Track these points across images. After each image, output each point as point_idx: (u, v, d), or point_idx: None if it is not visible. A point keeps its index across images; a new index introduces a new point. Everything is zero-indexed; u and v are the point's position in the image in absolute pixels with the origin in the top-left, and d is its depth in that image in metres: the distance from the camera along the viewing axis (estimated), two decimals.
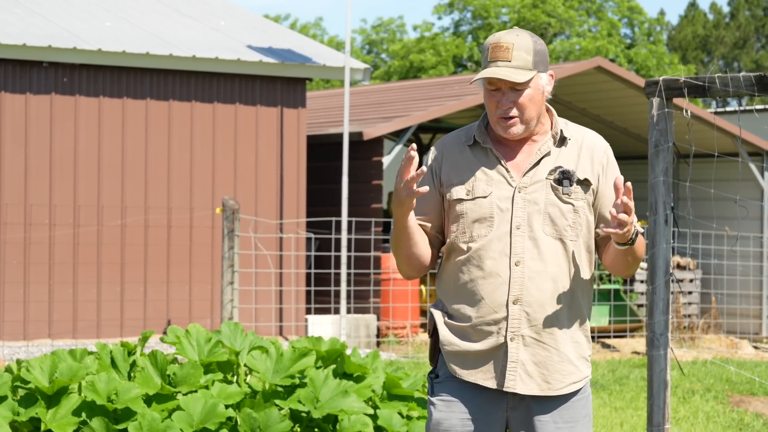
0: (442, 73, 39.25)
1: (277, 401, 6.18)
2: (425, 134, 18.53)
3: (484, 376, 3.99)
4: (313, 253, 15.28)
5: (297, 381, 6.28)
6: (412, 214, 3.97)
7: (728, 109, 22.68)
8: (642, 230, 4.05)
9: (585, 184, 4.00)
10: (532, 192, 3.97)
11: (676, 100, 5.63)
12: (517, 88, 3.93)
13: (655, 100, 5.47)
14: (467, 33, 42.47)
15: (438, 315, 4.07)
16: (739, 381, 11.76)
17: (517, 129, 3.96)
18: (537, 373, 3.97)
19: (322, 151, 16.00)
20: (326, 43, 46.91)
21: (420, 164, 3.99)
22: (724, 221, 15.05)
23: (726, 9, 52.71)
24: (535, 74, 3.94)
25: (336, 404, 6.18)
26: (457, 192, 4.01)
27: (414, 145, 3.86)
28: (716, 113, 20.26)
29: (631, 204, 3.81)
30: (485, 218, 3.97)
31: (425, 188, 3.85)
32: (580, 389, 4.04)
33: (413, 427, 6.37)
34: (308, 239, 15.28)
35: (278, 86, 14.89)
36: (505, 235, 3.95)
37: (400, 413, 6.42)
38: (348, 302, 14.59)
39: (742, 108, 18.43)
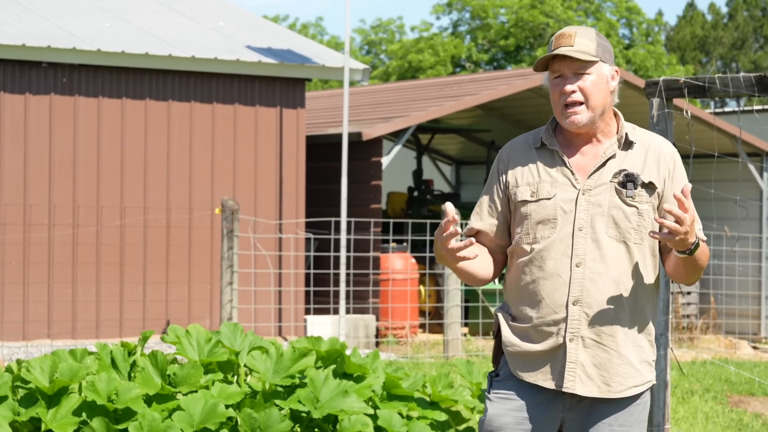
0: (441, 74, 39.25)
1: (278, 401, 6.18)
2: (424, 135, 18.52)
3: (543, 377, 3.99)
4: (312, 254, 15.28)
5: (297, 381, 6.28)
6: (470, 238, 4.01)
7: (727, 109, 22.69)
8: (704, 239, 4.01)
9: (650, 187, 3.99)
10: (596, 194, 3.97)
11: (676, 101, 5.63)
12: (580, 71, 3.95)
13: (655, 101, 5.48)
14: (465, 33, 42.47)
15: (502, 317, 4.10)
16: (738, 381, 11.77)
17: (582, 117, 3.96)
18: (597, 374, 3.96)
19: (321, 151, 16.00)
20: (326, 44, 46.91)
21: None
22: (724, 222, 15.06)
23: (724, 9, 52.73)
24: (597, 61, 3.96)
25: (336, 404, 6.18)
26: (522, 194, 4.03)
27: (451, 208, 3.84)
28: (715, 114, 20.26)
29: (684, 214, 3.76)
30: (549, 220, 3.98)
31: (474, 253, 3.90)
32: (641, 394, 4.03)
33: (413, 427, 6.37)
34: (307, 240, 15.28)
35: (277, 86, 14.89)
36: (567, 237, 3.96)
37: (400, 413, 6.42)
38: (347, 303, 14.59)
39: (741, 108, 18.43)
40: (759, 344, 16.20)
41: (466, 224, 4.21)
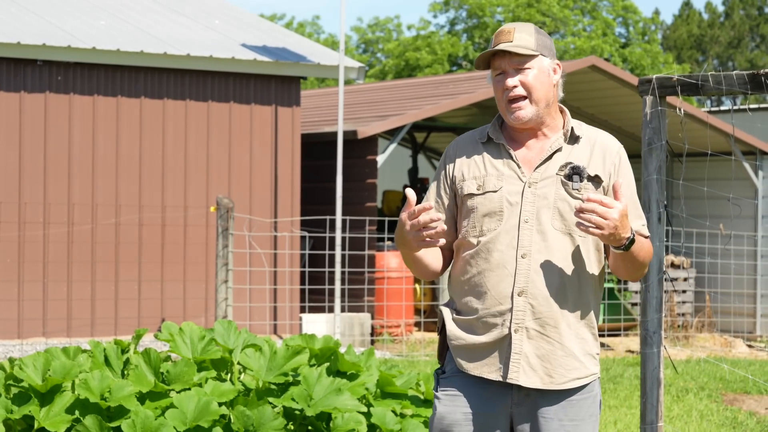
0: (438, 72, 39.26)
1: (271, 399, 6.18)
2: (420, 133, 18.53)
3: (488, 369, 4.00)
4: (307, 252, 15.28)
5: (290, 379, 6.28)
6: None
7: (722, 108, 22.70)
8: (647, 234, 4.03)
9: (596, 181, 4.01)
10: (542, 187, 4.00)
11: (670, 99, 5.64)
12: (521, 66, 3.99)
13: (649, 98, 5.48)
14: (462, 32, 42.48)
15: (447, 312, 4.10)
16: (732, 379, 11.78)
17: (526, 112, 4.00)
18: (540, 366, 3.97)
19: (316, 149, 16.00)
20: (323, 42, 46.90)
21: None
22: (718, 220, 15.07)
23: (720, 8, 52.74)
24: (537, 55, 4.01)
25: (329, 402, 6.18)
26: (469, 187, 4.05)
27: (412, 194, 3.88)
28: (710, 112, 20.27)
29: (604, 208, 3.79)
30: (495, 212, 4.00)
31: (442, 242, 3.92)
32: (586, 386, 4.04)
33: (406, 425, 6.37)
34: (302, 238, 15.28)
35: (273, 85, 14.89)
36: (513, 229, 3.98)
37: (393, 411, 6.42)
38: (342, 301, 14.59)
39: (735, 107, 18.46)
40: (754, 342, 16.21)
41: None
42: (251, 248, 14.42)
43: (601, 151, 4.05)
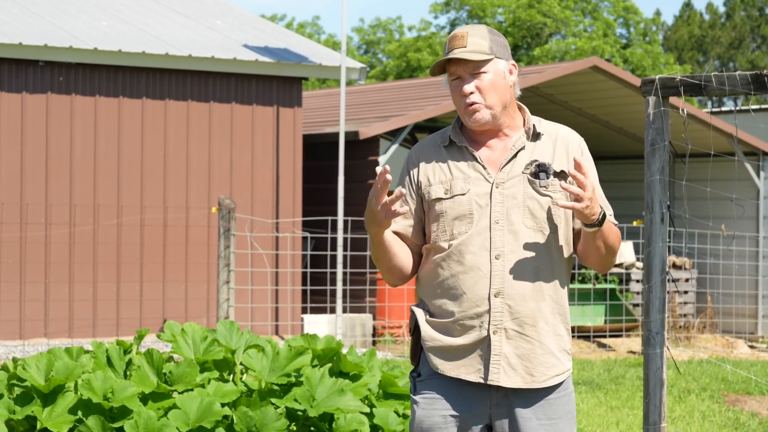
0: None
1: (273, 400, 6.17)
2: (421, 134, 18.50)
3: (467, 371, 3.99)
4: (309, 253, 15.28)
5: (293, 379, 6.27)
6: (388, 229, 4.02)
7: (724, 108, 22.69)
8: (611, 214, 4.07)
9: (562, 176, 4.02)
10: (509, 187, 4.00)
11: (672, 100, 5.63)
12: (476, 71, 3.98)
13: (651, 99, 5.47)
14: None
15: (420, 312, 4.08)
16: (735, 380, 11.77)
17: (481, 115, 3.99)
18: (520, 365, 3.97)
19: (318, 150, 16.00)
20: (324, 43, 46.91)
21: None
22: (720, 220, 15.05)
23: (722, 9, 52.75)
24: (492, 58, 4.00)
25: (332, 403, 6.17)
26: (436, 191, 4.04)
27: (387, 167, 3.88)
28: (712, 113, 20.27)
29: (587, 180, 3.85)
30: (465, 215, 4.00)
31: (405, 208, 3.91)
32: (562, 384, 4.05)
33: (409, 425, 6.36)
34: (304, 238, 15.28)
35: (274, 85, 14.89)
36: (485, 230, 3.98)
37: (396, 412, 6.41)
38: (344, 301, 14.59)
39: (738, 108, 18.45)
40: (756, 343, 16.20)
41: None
42: (253, 249, 14.42)
43: (564, 145, 4.06)
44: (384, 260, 4.07)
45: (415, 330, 4.10)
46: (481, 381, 3.97)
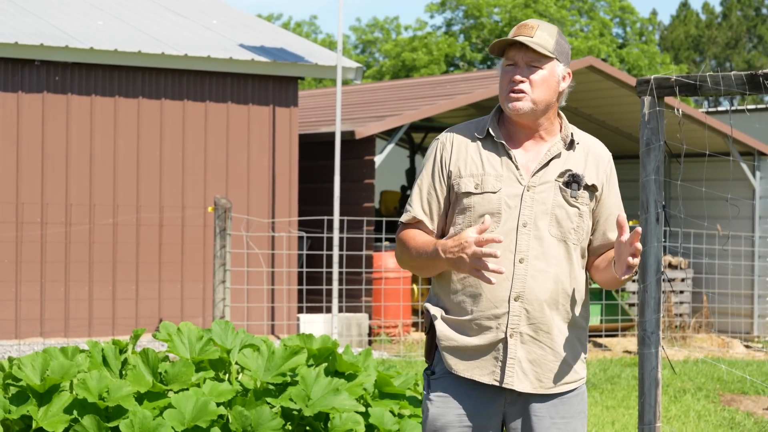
0: (434, 72, 39.27)
1: (269, 399, 6.18)
2: (417, 133, 18.53)
3: (480, 372, 3.99)
4: (305, 252, 15.28)
5: (288, 379, 6.28)
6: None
7: (720, 108, 22.71)
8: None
9: (591, 190, 4.03)
10: (540, 192, 3.99)
11: (668, 100, 5.64)
12: (534, 64, 3.96)
13: (647, 99, 5.47)
14: (459, 32, 42.49)
15: (435, 310, 4.06)
16: (730, 380, 11.79)
17: (522, 104, 3.96)
18: (531, 370, 3.98)
19: (314, 150, 15.99)
20: (320, 42, 46.89)
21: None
22: (716, 220, 15.06)
23: (718, 9, 52.78)
24: (553, 58, 3.98)
25: (327, 402, 6.18)
26: (466, 185, 4.01)
27: (490, 226, 3.85)
28: (708, 113, 20.29)
29: (639, 248, 3.84)
30: (492, 214, 3.97)
31: (501, 269, 3.81)
32: (576, 388, 4.07)
33: (404, 425, 6.37)
34: (300, 238, 15.27)
35: (270, 85, 14.89)
36: (511, 232, 3.96)
37: (391, 411, 6.42)
38: (340, 301, 14.59)
39: (733, 107, 18.46)
40: (751, 343, 16.22)
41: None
42: (249, 248, 14.41)
43: (595, 159, 4.07)
44: (425, 271, 4.08)
45: (430, 328, 4.09)
46: (496, 383, 3.98)
